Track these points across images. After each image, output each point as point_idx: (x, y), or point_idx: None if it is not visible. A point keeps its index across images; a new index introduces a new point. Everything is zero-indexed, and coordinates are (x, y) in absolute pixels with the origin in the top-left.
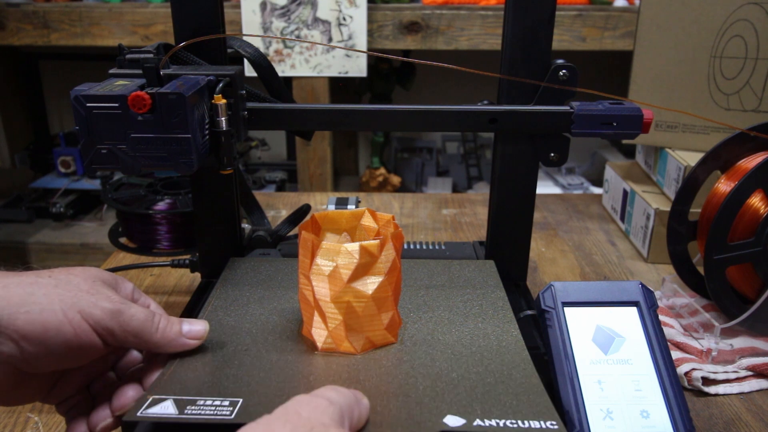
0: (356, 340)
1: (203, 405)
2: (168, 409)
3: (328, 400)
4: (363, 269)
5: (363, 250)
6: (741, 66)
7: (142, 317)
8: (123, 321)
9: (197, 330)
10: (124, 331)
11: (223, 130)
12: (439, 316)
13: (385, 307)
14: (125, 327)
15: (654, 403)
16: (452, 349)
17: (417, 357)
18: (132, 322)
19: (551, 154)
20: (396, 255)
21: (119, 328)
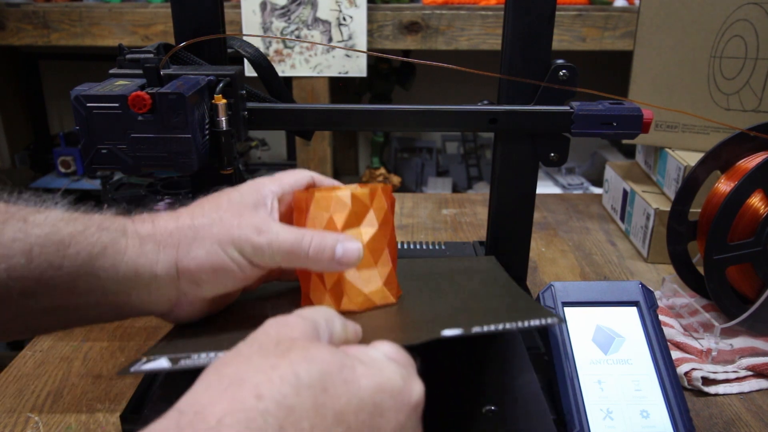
0: (355, 295)
1: (197, 358)
2: (162, 364)
3: (299, 317)
4: (355, 218)
5: (354, 197)
6: (741, 66)
7: (290, 241)
8: (273, 251)
9: (351, 253)
10: (274, 259)
11: (223, 130)
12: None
13: (381, 260)
14: (277, 255)
15: (654, 403)
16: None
17: (408, 295)
18: (281, 249)
19: (551, 154)
20: (388, 209)
21: (270, 258)
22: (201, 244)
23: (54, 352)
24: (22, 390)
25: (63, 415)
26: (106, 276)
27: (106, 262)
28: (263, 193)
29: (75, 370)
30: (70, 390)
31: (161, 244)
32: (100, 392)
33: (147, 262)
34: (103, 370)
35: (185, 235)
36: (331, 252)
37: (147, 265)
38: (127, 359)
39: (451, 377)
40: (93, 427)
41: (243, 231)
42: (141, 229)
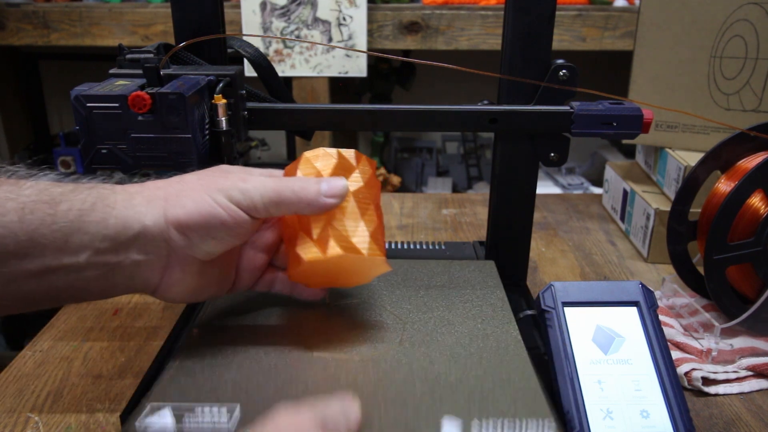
0: (341, 240)
1: (201, 413)
2: (166, 418)
3: (310, 413)
4: (341, 172)
5: (339, 154)
6: (741, 66)
7: (274, 185)
8: (260, 194)
9: (336, 186)
10: (264, 203)
11: (223, 130)
12: (438, 316)
13: (368, 216)
14: (264, 198)
15: (654, 403)
16: (451, 351)
17: (415, 359)
18: (267, 192)
19: (551, 154)
20: (372, 174)
21: (260, 201)
22: (188, 195)
23: (54, 352)
24: (22, 390)
25: (63, 415)
26: (96, 230)
27: (95, 216)
28: (253, 169)
29: (75, 370)
30: (70, 390)
31: (150, 198)
32: (100, 392)
33: (136, 214)
34: (103, 370)
35: (173, 188)
36: (316, 187)
37: (135, 217)
38: (127, 359)
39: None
40: (93, 427)
41: (229, 180)
42: (130, 188)
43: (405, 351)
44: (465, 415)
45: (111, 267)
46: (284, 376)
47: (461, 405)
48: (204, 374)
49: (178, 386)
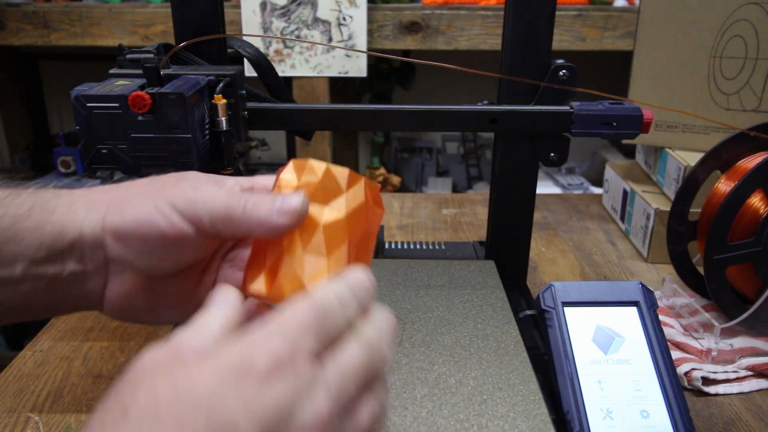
0: (290, 280)
1: None
2: None
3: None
4: (323, 194)
5: (327, 171)
6: (741, 66)
7: (225, 199)
8: (206, 207)
9: (290, 203)
10: (211, 217)
11: (224, 130)
12: (438, 316)
13: (336, 255)
14: (210, 212)
15: (654, 403)
16: (451, 351)
17: (416, 359)
18: (215, 206)
19: (551, 154)
20: (366, 207)
21: (206, 214)
22: (132, 201)
23: (54, 352)
24: (22, 390)
25: (63, 415)
26: (31, 239)
27: (31, 222)
28: (224, 179)
29: (75, 370)
30: (70, 390)
31: (93, 202)
32: (100, 392)
33: (74, 220)
34: (103, 370)
35: (119, 192)
36: (269, 205)
37: (73, 223)
38: (127, 359)
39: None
40: None
41: (179, 188)
42: (76, 191)
43: (405, 351)
44: (464, 423)
45: (50, 280)
46: None
47: (460, 412)
48: None
49: None
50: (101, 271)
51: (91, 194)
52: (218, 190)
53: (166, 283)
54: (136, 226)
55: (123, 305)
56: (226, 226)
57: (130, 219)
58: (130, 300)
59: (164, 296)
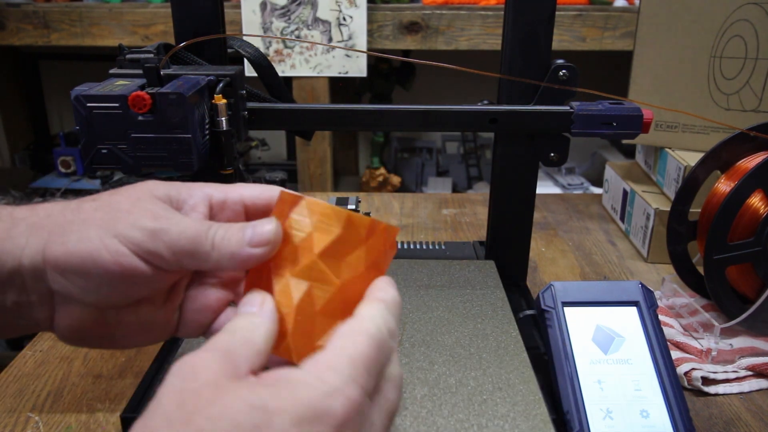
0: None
1: None
2: None
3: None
4: (342, 248)
5: (349, 220)
6: (741, 66)
7: (192, 232)
8: (169, 241)
9: (263, 233)
10: (174, 252)
11: (224, 130)
12: (438, 316)
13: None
14: (173, 247)
15: (654, 402)
16: (451, 351)
17: (416, 359)
18: (180, 241)
19: (551, 154)
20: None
21: (167, 250)
22: (77, 229)
23: (54, 352)
24: (22, 390)
25: (63, 414)
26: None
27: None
28: (191, 192)
29: (75, 370)
30: (71, 390)
31: (34, 227)
32: (100, 392)
33: (13, 247)
34: (103, 370)
35: (65, 218)
36: (239, 235)
37: (12, 251)
38: (127, 359)
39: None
40: (93, 427)
41: (133, 217)
42: (18, 212)
43: (405, 351)
44: (464, 419)
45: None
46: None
47: (460, 412)
48: None
49: None
50: (46, 302)
51: (33, 216)
52: (182, 219)
53: (121, 313)
54: (79, 261)
55: (75, 335)
56: (191, 262)
57: (73, 252)
58: (82, 330)
59: (121, 325)
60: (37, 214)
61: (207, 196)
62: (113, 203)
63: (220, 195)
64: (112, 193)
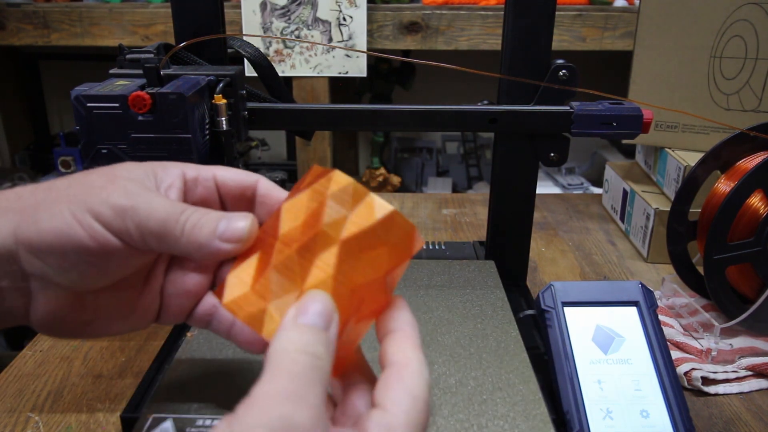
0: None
1: (202, 426)
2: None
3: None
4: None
5: (389, 218)
6: (741, 66)
7: (162, 214)
8: (138, 220)
9: (235, 229)
10: (141, 233)
11: (224, 130)
12: (438, 316)
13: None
14: (142, 228)
15: (654, 402)
16: (451, 351)
17: None
18: (149, 222)
19: (551, 154)
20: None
21: (135, 229)
22: (48, 208)
23: (54, 352)
24: (22, 390)
25: (63, 415)
26: None
27: None
28: (167, 171)
29: (75, 370)
30: (71, 390)
31: (3, 211)
32: (100, 392)
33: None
34: (103, 370)
35: (36, 198)
36: (212, 226)
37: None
38: (127, 359)
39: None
40: (93, 427)
41: (106, 192)
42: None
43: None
44: (464, 419)
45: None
46: None
47: (460, 412)
48: (202, 380)
49: (178, 392)
50: (20, 288)
51: (2, 201)
52: (154, 198)
53: (99, 297)
54: (52, 238)
55: (52, 323)
56: (159, 245)
57: (46, 230)
58: (59, 317)
59: (99, 310)
60: (6, 198)
61: (181, 173)
62: (87, 181)
63: (193, 172)
64: (87, 173)
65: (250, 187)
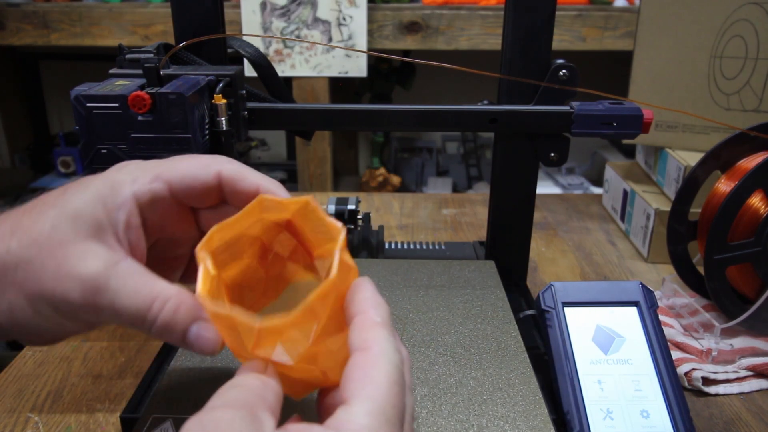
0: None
1: None
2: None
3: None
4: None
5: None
6: (741, 66)
7: (134, 307)
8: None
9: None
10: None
11: (224, 130)
12: (438, 316)
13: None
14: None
15: (654, 403)
16: (451, 351)
17: (416, 360)
18: (122, 314)
19: (551, 154)
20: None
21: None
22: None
23: (54, 352)
24: (22, 390)
25: (63, 415)
26: None
27: None
28: (116, 202)
29: (75, 370)
30: (70, 390)
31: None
32: (100, 392)
33: None
34: (103, 370)
35: None
36: (183, 330)
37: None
38: (127, 359)
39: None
40: (93, 427)
41: (63, 284)
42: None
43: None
44: (464, 419)
45: None
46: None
47: (461, 412)
48: (202, 380)
49: (178, 394)
50: None
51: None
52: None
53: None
54: (18, 327)
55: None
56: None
57: (10, 321)
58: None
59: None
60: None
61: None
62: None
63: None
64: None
65: (211, 185)
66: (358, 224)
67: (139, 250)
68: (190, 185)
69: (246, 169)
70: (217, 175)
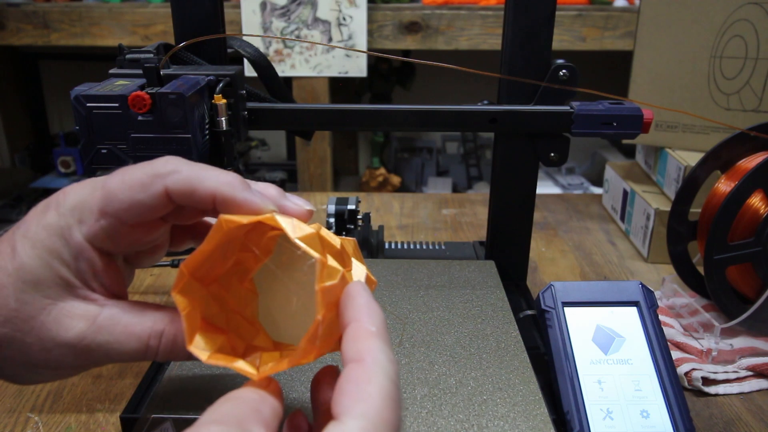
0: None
1: None
2: None
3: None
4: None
5: None
6: (741, 66)
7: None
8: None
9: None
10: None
11: (224, 130)
12: (438, 316)
13: None
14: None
15: (654, 403)
16: (451, 351)
17: (416, 360)
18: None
19: (551, 154)
20: None
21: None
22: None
23: None
24: (22, 390)
25: (63, 415)
26: None
27: None
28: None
29: None
30: (70, 390)
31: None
32: (100, 392)
33: None
34: (103, 370)
35: None
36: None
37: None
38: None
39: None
40: (93, 427)
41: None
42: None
43: (405, 351)
44: (464, 419)
45: None
46: (282, 380)
47: (460, 412)
48: (202, 380)
49: (177, 395)
50: None
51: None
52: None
53: None
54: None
55: None
56: None
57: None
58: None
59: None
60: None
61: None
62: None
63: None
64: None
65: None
66: (358, 224)
67: (116, 280)
68: (139, 212)
69: (197, 173)
70: (164, 194)
